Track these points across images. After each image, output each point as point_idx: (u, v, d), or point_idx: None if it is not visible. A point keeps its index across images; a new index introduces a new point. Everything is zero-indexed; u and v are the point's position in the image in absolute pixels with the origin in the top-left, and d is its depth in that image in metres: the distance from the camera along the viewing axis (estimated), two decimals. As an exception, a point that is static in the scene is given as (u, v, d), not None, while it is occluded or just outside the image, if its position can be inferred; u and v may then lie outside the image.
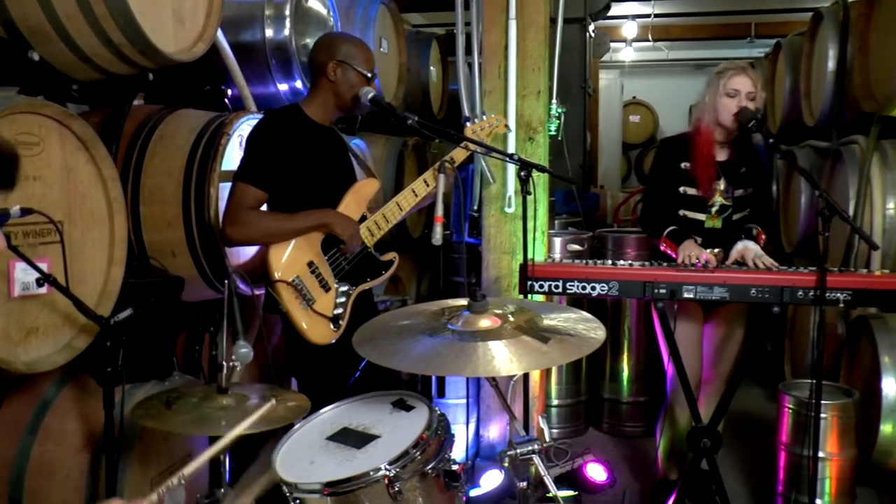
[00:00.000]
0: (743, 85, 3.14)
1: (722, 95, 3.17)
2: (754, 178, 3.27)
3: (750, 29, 10.05)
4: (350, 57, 2.78)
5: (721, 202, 3.23)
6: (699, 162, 3.21)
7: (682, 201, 3.26)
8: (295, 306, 2.66)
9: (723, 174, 3.24)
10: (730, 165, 3.26)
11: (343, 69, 2.77)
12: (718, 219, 3.24)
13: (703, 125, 3.26)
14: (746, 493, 3.92)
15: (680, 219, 3.26)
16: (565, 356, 1.99)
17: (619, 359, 4.79)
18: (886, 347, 3.58)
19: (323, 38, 2.98)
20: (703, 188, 3.21)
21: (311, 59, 2.85)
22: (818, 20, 5.06)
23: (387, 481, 1.89)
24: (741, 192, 3.25)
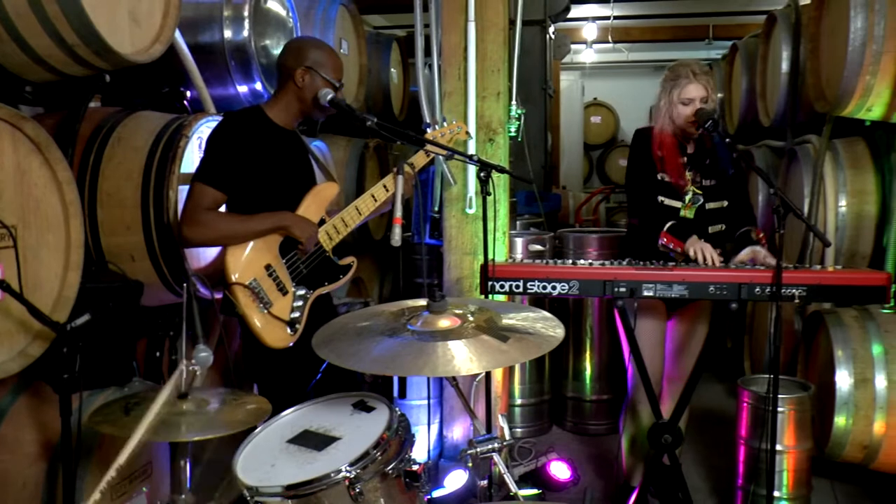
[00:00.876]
0: (696, 92, 3.17)
1: (676, 105, 3.21)
2: (718, 169, 3.31)
3: (708, 31, 10.21)
4: (319, 64, 2.78)
5: (693, 191, 3.27)
6: (667, 151, 3.26)
7: (660, 188, 3.28)
8: (251, 309, 2.64)
9: (691, 165, 3.29)
10: (696, 157, 3.30)
11: (311, 76, 2.77)
12: (692, 208, 3.27)
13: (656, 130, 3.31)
14: (707, 488, 3.98)
15: (658, 205, 3.28)
16: (524, 354, 2.00)
17: (582, 357, 4.83)
18: (840, 342, 3.65)
19: (293, 43, 2.98)
20: (673, 176, 3.25)
21: (280, 63, 2.84)
22: (772, 23, 5.16)
23: (347, 483, 1.89)
24: (709, 182, 3.29)
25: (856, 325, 3.70)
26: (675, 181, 3.26)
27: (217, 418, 2.19)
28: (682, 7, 8.97)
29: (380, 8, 7.54)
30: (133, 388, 2.76)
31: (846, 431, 3.59)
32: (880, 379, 3.54)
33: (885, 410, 3.52)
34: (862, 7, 3.49)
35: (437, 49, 3.62)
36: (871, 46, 3.50)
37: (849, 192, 4.07)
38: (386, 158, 5.54)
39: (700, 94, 3.17)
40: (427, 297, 2.17)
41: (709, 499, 3.88)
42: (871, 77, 3.56)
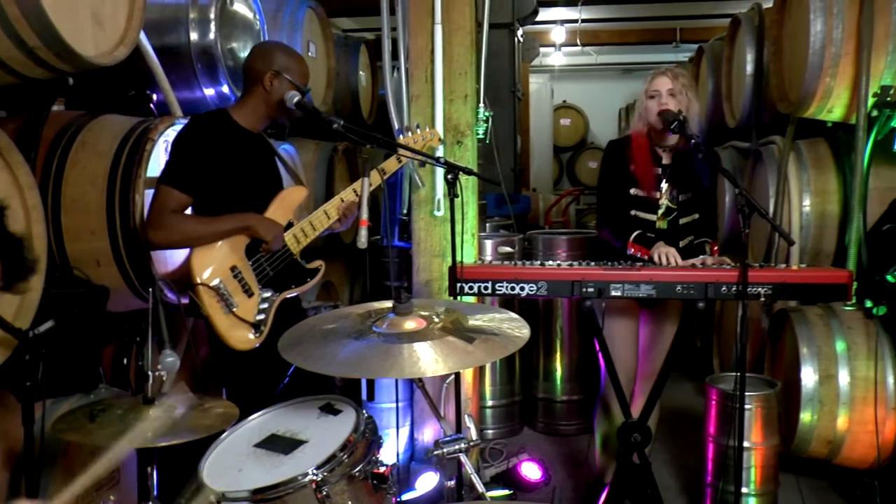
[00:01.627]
0: (662, 84, 3.21)
1: (646, 98, 3.26)
2: (696, 181, 3.33)
3: (675, 34, 10.30)
4: (287, 69, 2.79)
5: (667, 204, 3.30)
6: (640, 163, 3.28)
7: (632, 202, 3.30)
8: (216, 311, 2.64)
9: (667, 178, 3.30)
10: (673, 169, 3.32)
11: (280, 80, 2.77)
12: (664, 220, 3.30)
13: (635, 131, 3.34)
14: (678, 486, 4.02)
15: (632, 219, 3.31)
16: (490, 355, 2.01)
17: (553, 358, 4.85)
18: (805, 339, 3.71)
19: (261, 47, 2.98)
20: (645, 188, 3.28)
21: (248, 66, 2.83)
22: (736, 26, 5.24)
23: (314, 486, 1.89)
24: (685, 196, 3.31)
25: (820, 323, 3.76)
26: (649, 193, 3.28)
27: (184, 424, 2.17)
28: (649, 10, 9.05)
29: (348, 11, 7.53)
30: (99, 394, 2.73)
31: (811, 427, 3.65)
32: (843, 375, 3.60)
33: (849, 406, 3.58)
34: (821, 11, 3.56)
35: (405, 52, 3.63)
36: (831, 49, 3.57)
37: (812, 191, 4.13)
38: (355, 162, 5.54)
39: (666, 86, 3.21)
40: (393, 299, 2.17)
41: (679, 497, 3.92)
42: (830, 79, 3.63)
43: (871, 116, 3.64)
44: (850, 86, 3.64)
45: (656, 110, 3.18)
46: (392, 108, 3.69)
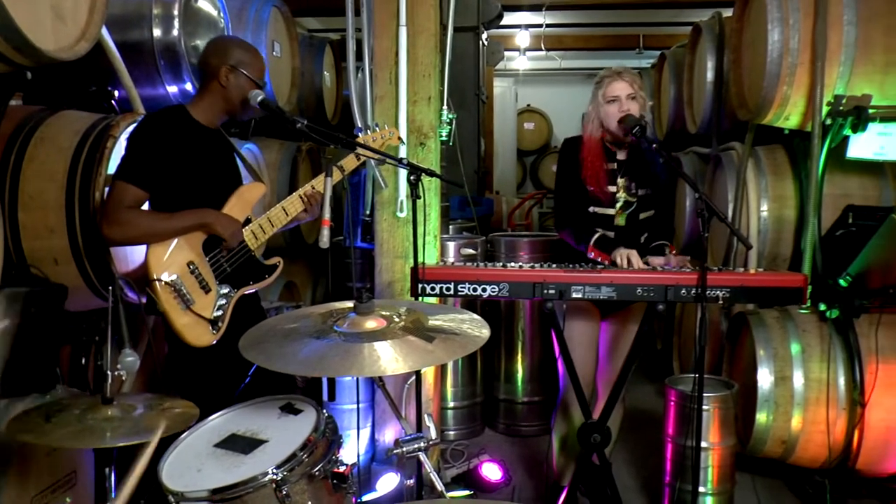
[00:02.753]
0: (620, 89, 3.23)
1: (604, 104, 3.26)
2: (653, 178, 3.35)
3: (638, 41, 10.41)
4: (243, 63, 2.78)
5: (625, 198, 3.31)
6: (591, 162, 3.29)
7: (590, 199, 3.32)
8: (173, 307, 2.62)
9: (623, 172, 3.32)
10: (629, 164, 3.34)
11: (235, 75, 2.76)
12: (623, 215, 3.32)
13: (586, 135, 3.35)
14: (637, 486, 4.08)
15: (591, 216, 3.32)
16: (450, 354, 2.03)
17: (514, 360, 4.88)
18: (762, 341, 3.78)
19: (216, 42, 2.96)
20: (600, 184, 3.29)
21: (203, 61, 2.82)
22: (698, 33, 5.32)
23: (274, 485, 1.90)
24: (644, 191, 3.33)
25: (776, 326, 3.84)
26: (603, 188, 3.29)
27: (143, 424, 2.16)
28: (613, 17, 9.11)
29: (313, 11, 7.51)
30: (55, 395, 2.70)
31: (767, 427, 3.72)
32: (798, 376, 3.68)
33: (803, 407, 3.66)
34: (778, 21, 3.63)
35: (369, 53, 3.63)
36: (787, 59, 3.64)
37: (770, 197, 4.21)
38: (319, 162, 5.53)
39: (625, 90, 3.22)
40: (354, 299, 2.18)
41: (638, 497, 3.97)
42: (787, 87, 3.71)
43: (825, 125, 3.71)
44: (806, 94, 3.72)
45: (617, 116, 3.20)
46: (356, 108, 3.69)
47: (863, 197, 4.05)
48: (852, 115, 3.62)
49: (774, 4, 3.64)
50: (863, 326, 3.67)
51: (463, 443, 4.68)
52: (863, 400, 3.54)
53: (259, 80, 2.81)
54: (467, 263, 3.24)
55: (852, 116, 3.63)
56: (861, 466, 3.64)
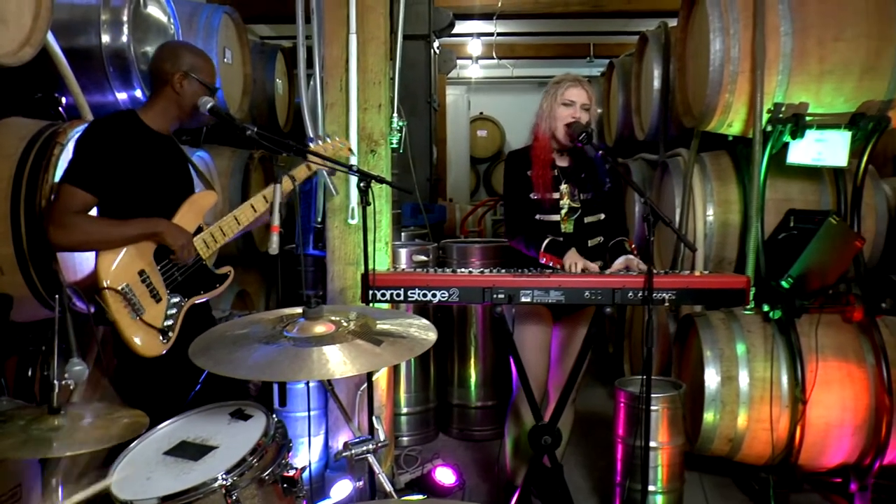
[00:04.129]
0: (578, 96, 3.30)
1: (559, 105, 3.32)
2: (596, 183, 3.42)
3: (589, 49, 10.58)
4: (195, 69, 2.78)
5: (570, 205, 3.37)
6: (537, 167, 3.35)
7: (534, 207, 3.37)
8: (123, 315, 2.59)
9: (567, 179, 3.38)
10: (571, 170, 3.40)
11: (188, 80, 2.76)
12: (569, 221, 3.38)
13: (540, 132, 3.40)
14: (589, 487, 4.14)
15: (537, 223, 3.37)
16: (397, 357, 2.06)
17: (467, 365, 4.92)
18: (709, 342, 3.87)
19: (167, 47, 2.94)
20: (539, 191, 3.34)
21: (155, 67, 2.81)
22: (644, 42, 5.43)
23: (224, 490, 1.90)
24: (587, 196, 3.39)
25: (722, 327, 3.93)
26: (547, 195, 3.35)
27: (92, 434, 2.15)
28: (563, 26, 9.24)
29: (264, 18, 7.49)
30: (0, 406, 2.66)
31: (714, 426, 3.81)
32: (743, 376, 3.78)
33: (748, 405, 3.76)
34: (719, 31, 3.73)
35: (320, 61, 3.64)
36: (729, 67, 3.74)
37: (715, 201, 4.29)
38: (271, 170, 5.51)
39: (582, 99, 3.29)
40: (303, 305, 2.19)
41: (590, 497, 4.03)
42: (729, 95, 3.81)
43: (765, 131, 3.82)
44: (747, 102, 3.82)
45: (567, 120, 3.27)
46: (307, 116, 3.69)
47: (803, 201, 4.17)
48: (791, 122, 3.73)
49: (716, 15, 3.74)
50: (804, 326, 3.79)
51: (417, 448, 4.70)
52: (804, 397, 3.64)
53: (211, 85, 2.82)
54: (418, 270, 3.26)
55: (791, 123, 3.73)
56: (803, 462, 3.75)
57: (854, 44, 3.67)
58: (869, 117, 3.72)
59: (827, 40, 3.68)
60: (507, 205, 3.50)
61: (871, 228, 4.25)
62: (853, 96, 3.77)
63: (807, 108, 3.74)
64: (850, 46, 3.67)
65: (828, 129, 3.77)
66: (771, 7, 3.67)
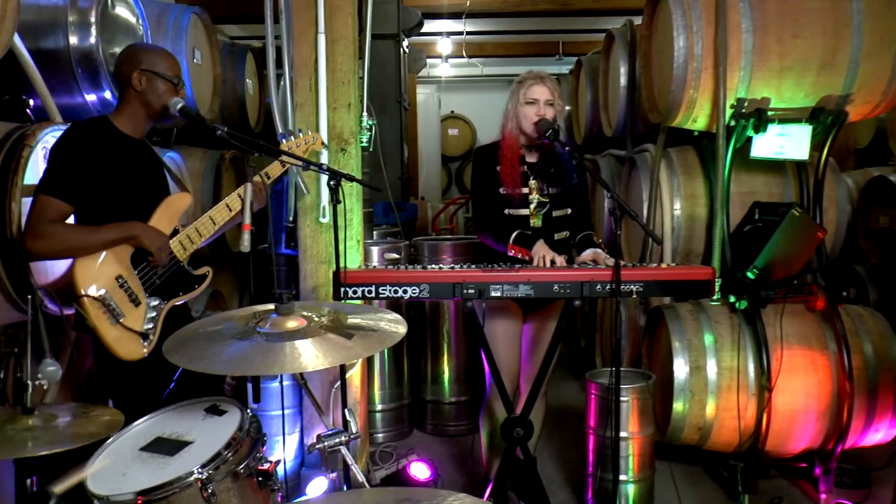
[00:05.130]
0: (541, 93, 3.35)
1: (523, 104, 3.38)
2: (564, 178, 3.48)
3: (558, 47, 10.66)
4: (154, 64, 2.78)
5: (539, 199, 3.42)
6: (505, 164, 3.40)
7: (503, 202, 3.43)
8: (102, 321, 2.60)
9: (535, 174, 3.44)
10: (540, 166, 3.46)
11: (148, 78, 2.76)
12: (538, 216, 3.43)
13: (507, 131, 3.46)
14: (562, 479, 4.20)
15: (507, 218, 3.42)
16: (368, 349, 2.09)
17: (440, 361, 4.97)
18: (677, 334, 3.95)
19: (125, 50, 2.95)
20: (508, 187, 3.40)
21: (116, 71, 2.82)
22: (611, 40, 5.50)
23: (200, 484, 1.93)
24: (555, 190, 3.45)
25: (690, 318, 4.01)
26: (516, 190, 3.41)
27: (66, 432, 2.16)
28: (532, 24, 9.30)
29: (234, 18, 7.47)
30: (-29, 409, 2.66)
31: (683, 415, 3.89)
32: (711, 365, 3.86)
33: (716, 394, 3.84)
34: (683, 28, 3.80)
35: (289, 61, 3.66)
36: (693, 64, 3.82)
37: (682, 196, 4.38)
38: (243, 170, 5.50)
39: (545, 96, 3.34)
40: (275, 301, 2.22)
41: (564, 489, 4.08)
42: (694, 91, 3.88)
43: (729, 126, 3.91)
44: (711, 98, 3.90)
45: (534, 118, 3.33)
46: (277, 116, 3.72)
47: (767, 194, 4.27)
48: (753, 117, 3.83)
49: (679, 13, 3.81)
50: (769, 316, 3.88)
51: (392, 445, 4.74)
52: (770, 385, 3.73)
53: (174, 79, 2.81)
54: (389, 267, 3.29)
55: (753, 118, 3.83)
56: (770, 448, 3.85)
57: (811, 41, 3.77)
58: (828, 111, 3.82)
59: (786, 37, 3.77)
60: (476, 200, 3.55)
61: (833, 220, 4.36)
62: (812, 91, 3.87)
63: (768, 104, 3.83)
64: (808, 43, 3.77)
65: (789, 123, 3.87)
66: (732, 5, 3.76)
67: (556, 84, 3.43)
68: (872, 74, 3.84)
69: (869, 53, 3.78)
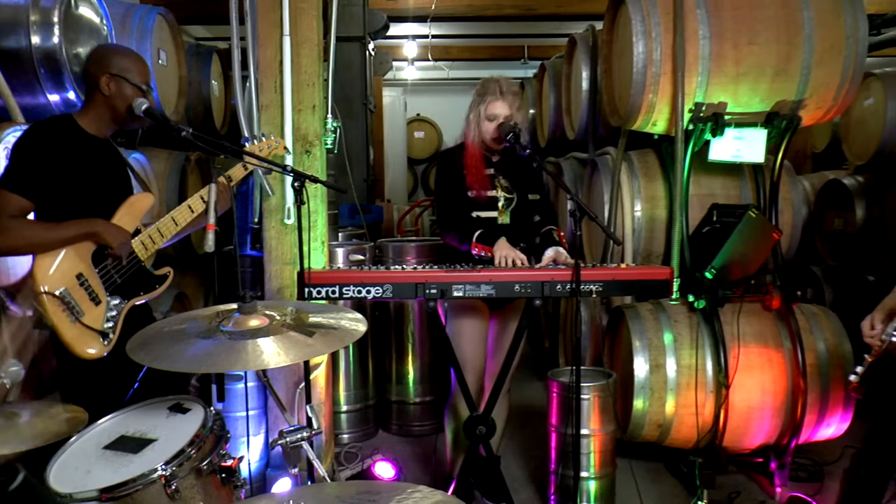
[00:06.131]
0: (501, 109, 3.43)
1: (483, 120, 3.46)
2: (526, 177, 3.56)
3: (523, 51, 10.74)
4: (124, 70, 2.78)
5: (505, 196, 3.49)
6: (470, 168, 3.47)
7: (471, 204, 3.48)
8: (61, 319, 2.59)
9: (500, 173, 3.52)
10: (504, 165, 3.54)
11: (117, 82, 2.76)
12: (506, 213, 3.49)
13: (469, 140, 3.52)
14: (525, 476, 4.26)
15: (474, 220, 3.47)
16: (329, 347, 2.13)
17: (405, 362, 5.00)
18: (637, 333, 4.03)
19: (95, 51, 2.95)
20: (476, 189, 3.46)
21: (84, 71, 2.82)
22: (573, 45, 5.58)
23: (163, 481, 1.95)
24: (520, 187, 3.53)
25: (650, 317, 4.09)
26: (483, 193, 3.47)
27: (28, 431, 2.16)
28: (497, 28, 9.37)
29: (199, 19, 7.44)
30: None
31: (644, 413, 3.97)
32: (671, 364, 3.94)
33: (675, 392, 3.92)
34: (642, 34, 3.88)
35: (254, 62, 3.67)
36: (652, 69, 3.90)
37: (643, 198, 4.45)
38: (208, 171, 5.48)
39: (504, 112, 3.42)
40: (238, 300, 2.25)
41: (526, 485, 4.14)
42: (653, 96, 3.96)
43: (687, 130, 3.99)
44: (670, 102, 3.98)
45: (493, 133, 3.41)
46: (243, 118, 3.73)
47: (725, 196, 4.36)
48: (711, 121, 3.91)
49: (638, 19, 3.89)
50: (726, 315, 3.97)
51: (357, 445, 4.76)
52: (727, 382, 3.82)
53: (143, 85, 2.82)
54: (354, 268, 3.32)
55: (711, 122, 3.91)
56: (727, 443, 3.94)
57: (766, 48, 3.88)
58: (782, 116, 3.92)
59: (742, 44, 3.87)
60: (440, 201, 3.60)
61: (789, 221, 4.47)
62: (767, 96, 3.97)
63: (725, 108, 3.92)
64: (762, 50, 3.88)
65: (745, 127, 3.96)
66: (690, 12, 3.85)
67: (516, 94, 3.49)
68: (823, 81, 3.95)
69: (820, 60, 3.90)
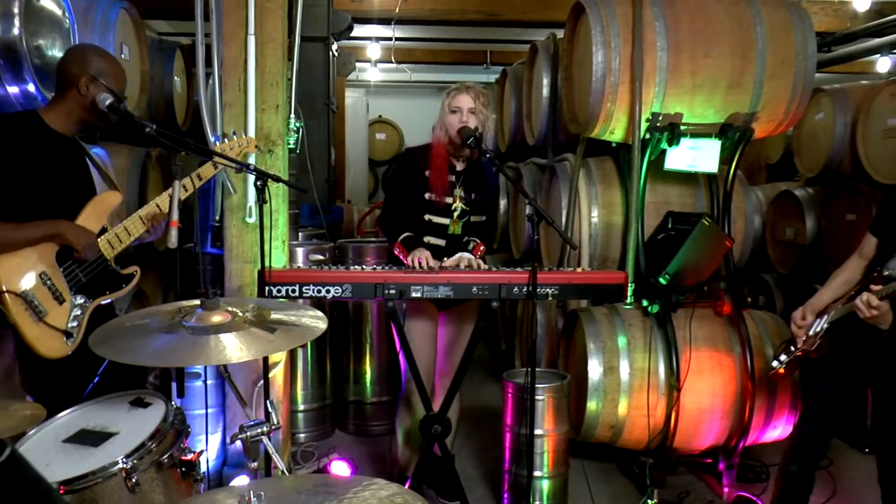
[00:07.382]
0: (464, 102, 3.47)
1: (447, 113, 3.50)
2: (486, 185, 3.62)
3: (486, 56, 10.82)
4: (103, 74, 2.79)
5: (462, 207, 3.54)
6: (434, 171, 3.52)
7: (426, 207, 3.53)
8: (24, 319, 2.58)
9: (461, 183, 3.56)
10: (466, 175, 3.58)
11: (95, 85, 2.76)
12: (459, 223, 3.55)
13: (436, 139, 3.57)
14: (480, 476, 4.32)
15: (425, 223, 3.52)
16: (290, 342, 2.18)
17: (362, 362, 5.04)
18: (592, 335, 4.11)
19: (76, 50, 2.94)
20: (436, 193, 3.50)
21: (62, 69, 2.80)
22: (535, 52, 5.66)
23: (124, 474, 1.97)
24: (477, 197, 3.58)
25: (605, 321, 4.17)
26: (442, 198, 3.52)
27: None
28: (461, 33, 9.41)
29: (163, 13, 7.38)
30: None
31: (597, 414, 4.05)
32: (624, 366, 4.03)
33: (628, 394, 4.01)
34: (601, 44, 3.97)
35: (218, 60, 3.67)
36: (610, 78, 3.99)
37: (600, 204, 4.53)
38: (170, 168, 5.46)
39: (468, 104, 3.45)
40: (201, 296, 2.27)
41: (481, 485, 4.20)
42: (611, 104, 4.05)
43: (644, 139, 4.08)
44: (627, 111, 4.07)
45: (457, 126, 3.43)
46: (206, 115, 3.73)
47: (681, 204, 4.46)
48: (667, 131, 4.01)
49: (598, 29, 3.97)
50: (679, 319, 4.07)
51: (314, 444, 4.78)
52: (678, 385, 3.92)
53: (119, 93, 2.82)
54: (314, 267, 3.35)
55: (667, 132, 4.01)
56: (678, 445, 4.04)
57: (721, 61, 3.99)
58: (735, 128, 4.04)
59: (698, 57, 3.97)
60: (389, 196, 3.65)
61: (741, 230, 4.59)
62: (722, 108, 4.08)
63: (681, 118, 4.01)
64: (717, 63, 3.99)
65: (700, 137, 4.06)
66: (648, 24, 3.94)
67: (481, 94, 3.53)
68: (775, 94, 4.08)
69: (772, 75, 4.02)
